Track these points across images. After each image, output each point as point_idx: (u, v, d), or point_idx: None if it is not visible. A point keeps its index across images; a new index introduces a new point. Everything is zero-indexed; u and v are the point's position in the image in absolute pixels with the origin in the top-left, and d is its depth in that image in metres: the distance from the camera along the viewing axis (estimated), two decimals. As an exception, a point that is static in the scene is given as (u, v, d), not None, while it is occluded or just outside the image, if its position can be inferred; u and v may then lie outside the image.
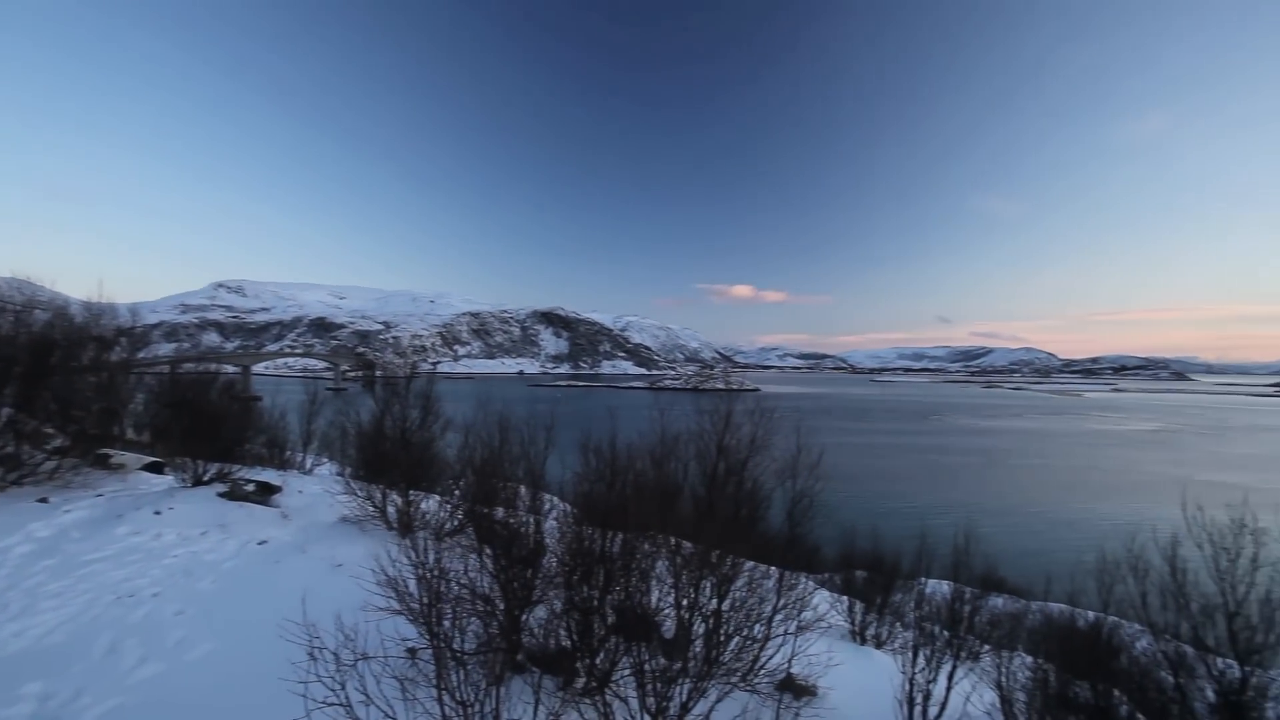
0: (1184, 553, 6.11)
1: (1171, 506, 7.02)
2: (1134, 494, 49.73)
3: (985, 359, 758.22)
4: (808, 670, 7.71)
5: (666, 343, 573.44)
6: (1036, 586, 22.18)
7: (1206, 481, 54.84)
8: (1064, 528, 37.79)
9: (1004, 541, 39.14)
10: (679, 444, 8.96)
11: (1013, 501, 55.36)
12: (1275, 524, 5.76)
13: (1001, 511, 51.37)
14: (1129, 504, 43.70)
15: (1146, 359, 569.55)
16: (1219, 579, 5.69)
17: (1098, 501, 49.05)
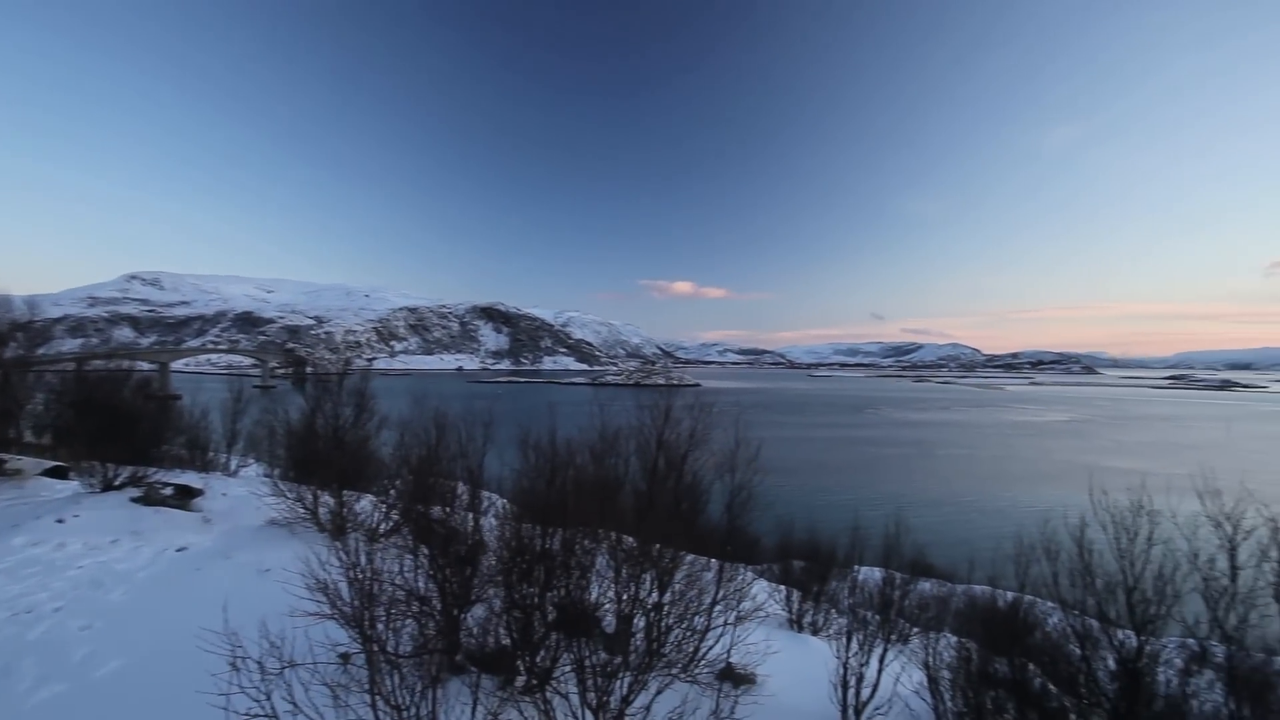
0: (1090, 534, 6.53)
1: (1080, 492, 7.49)
2: (1049, 481, 52.88)
3: (915, 354, 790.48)
4: (747, 659, 7.87)
5: (608, 338, 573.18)
6: (961, 570, 23.35)
7: (1111, 468, 58.86)
8: (987, 514, 39.86)
9: (933, 528, 40.95)
10: (619, 439, 8.97)
11: (941, 490, 57.96)
12: (1167, 505, 6.23)
13: (931, 500, 53.71)
14: (1044, 490, 46.46)
15: (1060, 354, 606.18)
16: (1120, 557, 6.11)
17: (1017, 489, 51.94)
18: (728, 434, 8.13)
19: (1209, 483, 6.22)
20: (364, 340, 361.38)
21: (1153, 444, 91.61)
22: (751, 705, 7.23)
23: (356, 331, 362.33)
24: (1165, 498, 6.24)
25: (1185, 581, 5.87)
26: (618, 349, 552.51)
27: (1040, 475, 57.11)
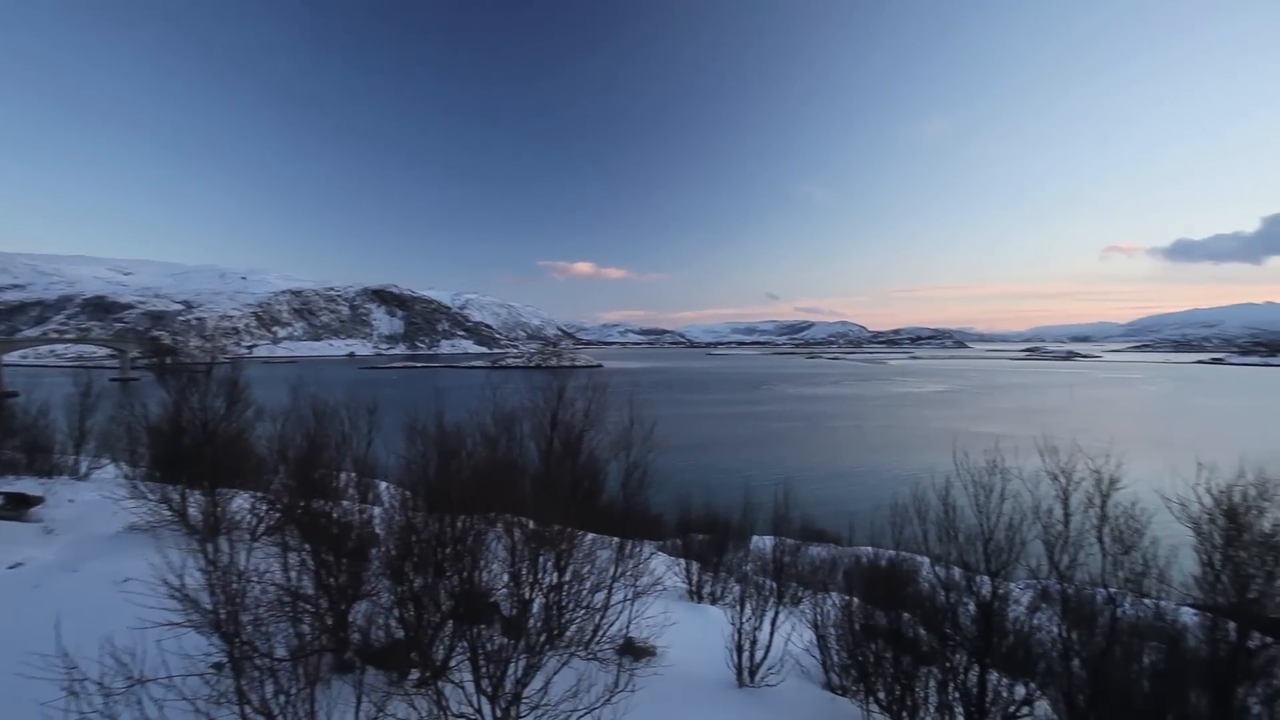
0: (954, 494, 7.15)
1: (947, 455, 8.15)
2: (924, 447, 57.45)
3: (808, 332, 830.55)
4: (646, 632, 8.06)
5: (508, 320, 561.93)
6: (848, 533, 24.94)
7: (979, 432, 64.74)
8: (872, 480, 42.80)
9: (824, 495, 43.44)
10: (515, 421, 8.85)
11: (831, 459, 61.51)
12: (1016, 464, 6.93)
13: (822, 469, 56.91)
14: (920, 456, 50.48)
15: (936, 330, 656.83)
16: (978, 512, 6.75)
17: (898, 455, 56.07)
18: (623, 413, 8.21)
19: (1047, 441, 6.97)
20: (242, 326, 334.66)
21: (1012, 409, 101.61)
22: (651, 676, 7.42)
23: (233, 317, 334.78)
24: (1015, 457, 6.93)
25: (1030, 530, 6.57)
26: (518, 331, 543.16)
27: (917, 442, 61.79)
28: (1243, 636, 5.99)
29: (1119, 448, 6.74)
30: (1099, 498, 6.27)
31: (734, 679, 8.09)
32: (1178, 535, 6.19)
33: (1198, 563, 6.02)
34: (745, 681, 8.08)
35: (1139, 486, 6.40)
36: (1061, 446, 6.73)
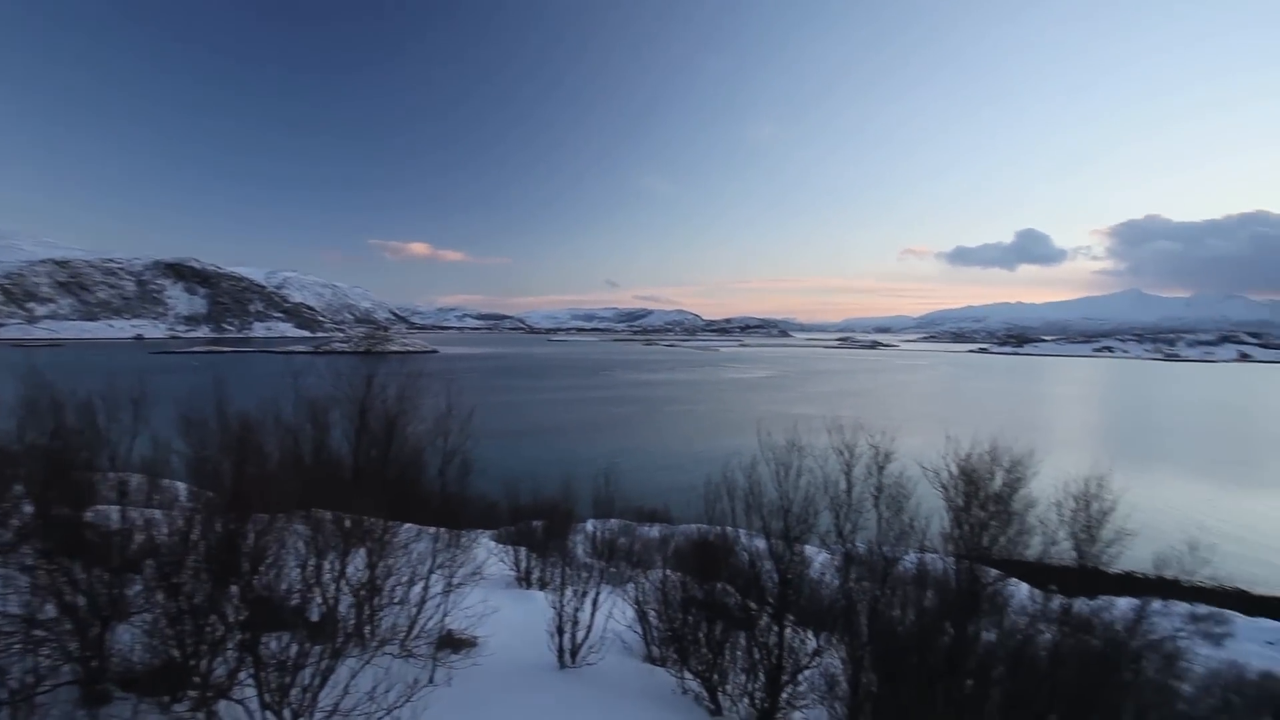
0: (759, 470, 7.74)
1: (770, 435, 8.76)
2: (744, 428, 61.93)
3: (646, 320, 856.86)
4: (466, 624, 7.86)
5: (333, 302, 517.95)
6: (678, 512, 26.26)
7: (797, 414, 71.01)
8: (700, 459, 45.24)
9: (658, 476, 45.16)
10: (322, 410, 8.16)
11: (666, 442, 64.14)
12: (814, 442, 7.66)
13: (657, 451, 59.17)
14: (738, 436, 54.29)
15: (763, 319, 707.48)
16: (779, 487, 7.36)
17: (723, 436, 59.83)
18: (442, 400, 7.89)
19: (835, 421, 7.79)
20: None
21: (825, 393, 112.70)
22: (470, 667, 7.26)
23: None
24: (810, 436, 7.65)
25: (821, 500, 7.31)
26: (345, 314, 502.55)
27: (740, 424, 66.24)
28: (979, 576, 7.15)
29: (894, 424, 7.69)
30: (876, 469, 7.14)
31: (555, 661, 8.16)
32: (934, 498, 7.23)
33: (948, 519, 7.07)
34: (566, 663, 8.19)
35: (907, 458, 7.36)
36: (847, 425, 7.55)
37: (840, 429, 7.49)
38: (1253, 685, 16.77)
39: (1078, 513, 6.63)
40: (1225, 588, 30.76)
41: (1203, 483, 55.47)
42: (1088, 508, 6.59)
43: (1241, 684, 16.71)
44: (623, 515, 17.92)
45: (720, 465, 8.14)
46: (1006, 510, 6.78)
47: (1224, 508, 47.18)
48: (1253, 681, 17.03)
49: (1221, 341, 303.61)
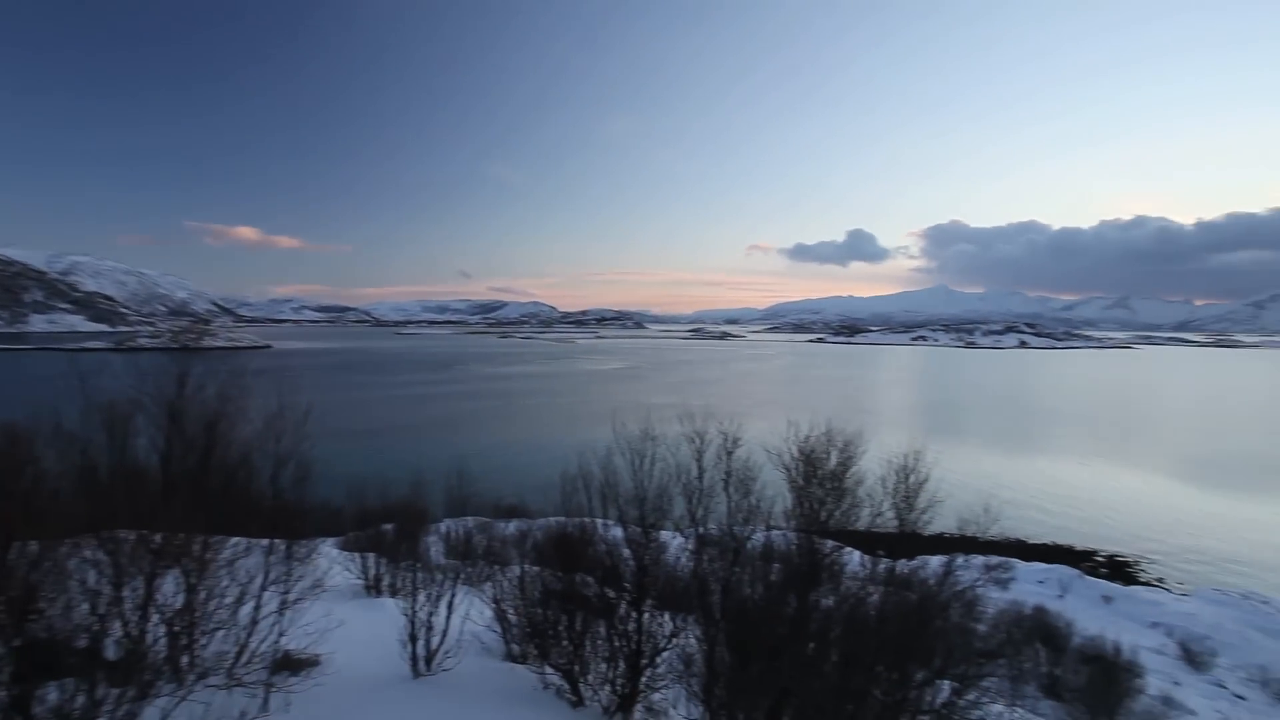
0: (615, 460, 7.84)
1: (629, 424, 8.85)
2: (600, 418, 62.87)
3: (501, 312, 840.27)
4: (306, 642, 7.22)
5: (139, 292, 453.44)
6: (536, 506, 26.02)
7: (654, 403, 73.15)
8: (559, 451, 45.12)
9: (519, 471, 44.50)
10: (122, 416, 7.08)
11: (525, 435, 63.33)
12: (667, 431, 7.90)
13: (517, 445, 58.29)
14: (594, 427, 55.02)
15: (619, 311, 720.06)
16: (634, 476, 7.51)
17: (580, 427, 60.24)
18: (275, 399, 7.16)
19: (687, 409, 8.10)
20: None
21: (679, 382, 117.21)
22: (313, 689, 6.71)
23: None
24: (663, 424, 7.88)
25: (675, 486, 7.56)
26: (155, 305, 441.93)
27: (598, 415, 67.12)
28: (818, 548, 7.79)
29: (742, 411, 8.13)
30: (725, 454, 7.51)
31: (409, 671, 7.76)
32: (777, 478, 7.74)
33: (791, 498, 7.61)
34: (421, 671, 7.82)
35: (753, 443, 7.81)
36: (697, 413, 7.87)
37: (691, 417, 7.79)
38: (1028, 618, 19.90)
39: (898, 485, 7.42)
40: (1009, 540, 36.17)
41: (993, 451, 64.60)
42: (906, 480, 7.40)
43: (1020, 618, 19.78)
44: (479, 513, 17.45)
45: (577, 457, 8.15)
46: (840, 486, 7.42)
47: (1009, 471, 55.37)
48: (1028, 615, 20.20)
49: (1007, 331, 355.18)
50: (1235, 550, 37.16)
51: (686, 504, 7.54)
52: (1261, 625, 25.51)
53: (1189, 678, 21.46)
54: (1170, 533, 40.17)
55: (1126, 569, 34.75)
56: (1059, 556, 34.00)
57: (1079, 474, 55.45)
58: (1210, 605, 27.26)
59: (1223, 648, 23.14)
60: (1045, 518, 42.04)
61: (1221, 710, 18.69)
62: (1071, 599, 26.31)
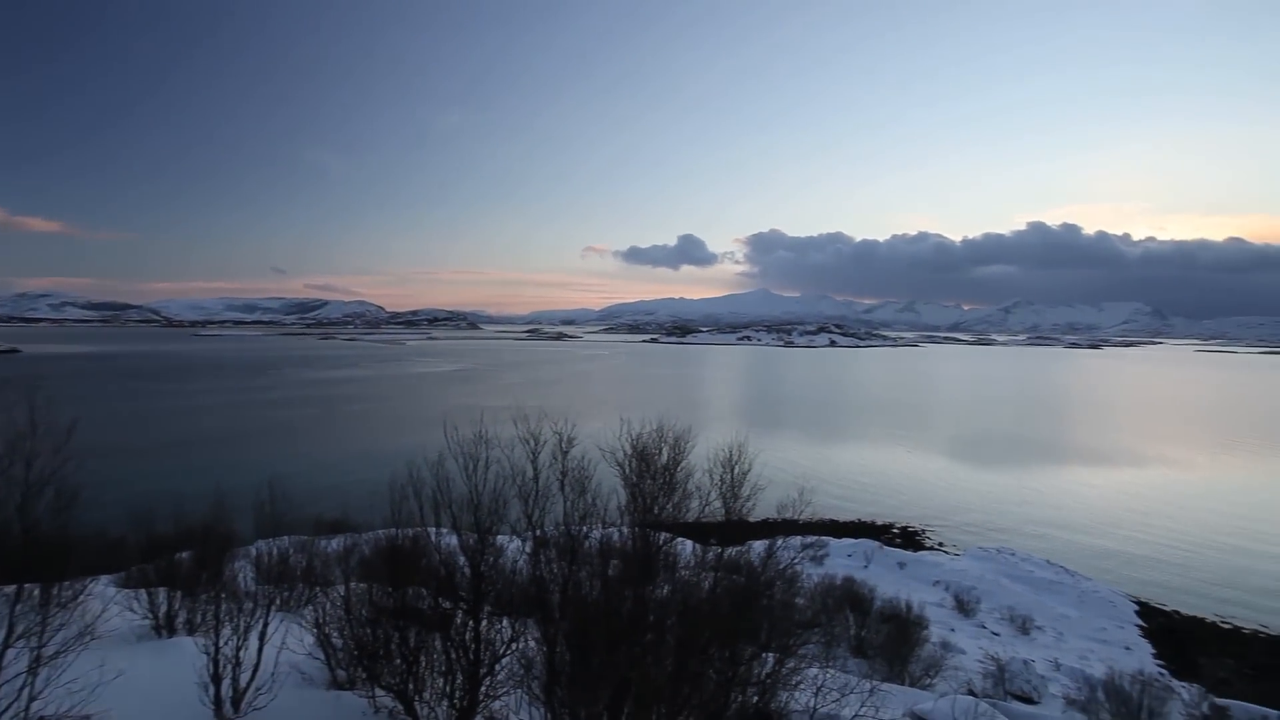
0: (447, 465, 7.57)
1: (461, 427, 8.52)
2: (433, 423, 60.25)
3: (321, 311, 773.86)
4: (72, 702, 6.13)
5: None
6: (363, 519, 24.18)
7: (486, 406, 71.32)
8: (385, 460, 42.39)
9: (341, 483, 41.27)
10: None
11: (350, 443, 58.82)
12: (502, 433, 7.78)
13: (338, 455, 53.92)
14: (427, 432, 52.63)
15: (452, 311, 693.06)
16: (468, 481, 7.31)
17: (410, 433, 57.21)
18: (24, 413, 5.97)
19: (521, 410, 8.04)
20: None
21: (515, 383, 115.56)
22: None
23: None
24: (497, 426, 7.75)
25: (510, 490, 7.47)
26: None
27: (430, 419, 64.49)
28: (652, 541, 8.10)
29: (577, 410, 8.23)
30: (560, 454, 7.56)
31: (211, 716, 6.91)
32: (612, 476, 7.94)
33: (625, 494, 7.84)
34: (228, 715, 7.00)
35: (587, 441, 7.94)
36: (532, 414, 7.84)
37: (526, 418, 7.74)
38: (839, 588, 22.22)
39: (724, 475, 7.94)
40: (824, 521, 40.08)
41: (808, 440, 71.18)
42: (732, 470, 7.94)
43: (833, 589, 22.02)
44: (297, 531, 15.91)
45: (407, 465, 7.76)
46: (672, 480, 7.78)
47: (822, 457, 61.32)
48: (839, 586, 22.55)
49: (819, 332, 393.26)
50: (994, 513, 44.27)
51: (523, 506, 7.48)
52: (1011, 574, 30.70)
53: (961, 623, 25.28)
54: (948, 503, 46.88)
55: (916, 537, 39.97)
56: (864, 532, 38.38)
57: (879, 456, 62.87)
58: (976, 561, 32.27)
59: (985, 595, 27.54)
60: (853, 498, 47.16)
61: (983, 646, 22.20)
62: (874, 568, 29.84)
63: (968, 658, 20.90)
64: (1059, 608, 27.94)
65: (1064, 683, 19.48)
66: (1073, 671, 20.38)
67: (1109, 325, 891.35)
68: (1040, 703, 17.73)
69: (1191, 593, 31.19)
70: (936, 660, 18.79)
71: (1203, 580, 32.70)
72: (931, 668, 18.28)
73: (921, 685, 17.03)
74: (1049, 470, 58.78)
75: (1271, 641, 26.73)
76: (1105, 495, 49.68)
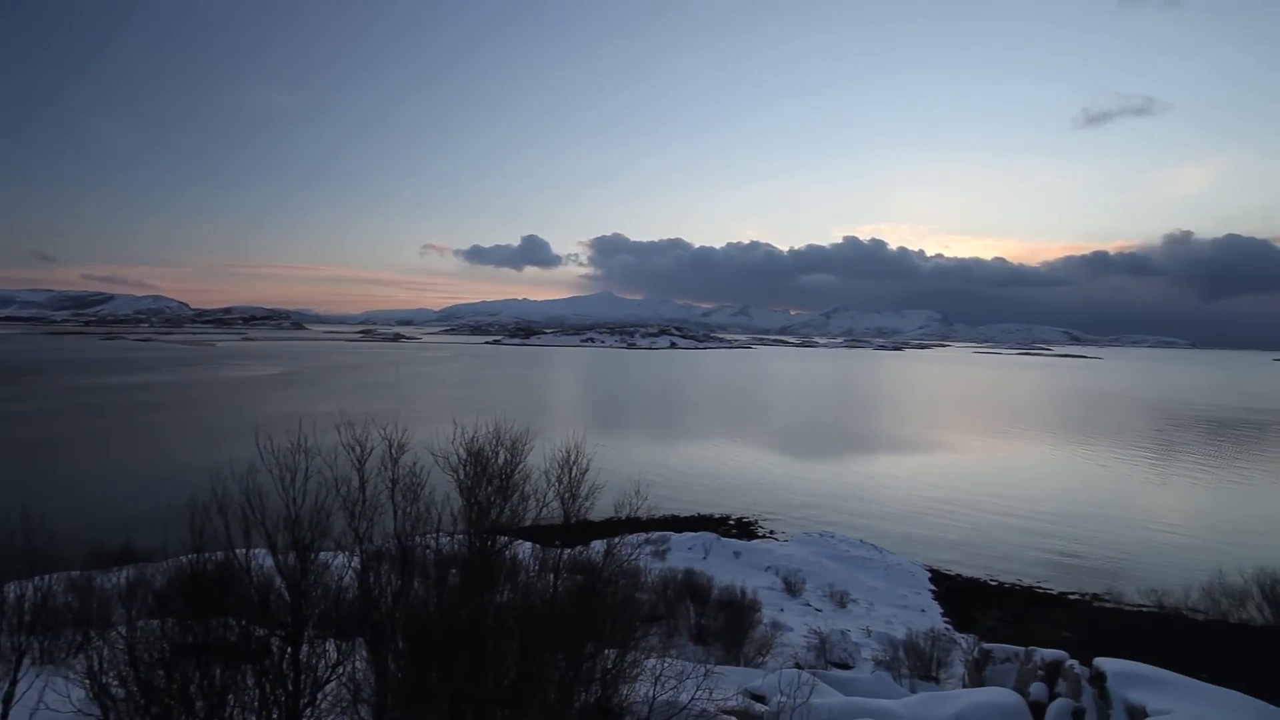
0: (261, 479, 6.84)
1: (268, 439, 7.70)
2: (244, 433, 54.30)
3: (104, 307, 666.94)
4: None
5: None
6: (155, 545, 20.99)
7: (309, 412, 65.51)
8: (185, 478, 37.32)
9: (127, 507, 35.83)
10: None
11: (137, 462, 51.16)
12: (324, 441, 7.18)
13: (124, 475, 46.69)
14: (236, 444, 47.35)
15: (273, 310, 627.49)
16: (285, 494, 6.66)
17: (216, 445, 50.86)
18: None
19: (345, 416, 7.49)
20: None
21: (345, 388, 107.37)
22: None
23: None
24: (318, 434, 7.14)
25: (334, 502, 6.91)
26: None
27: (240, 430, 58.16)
28: (491, 546, 7.91)
29: (411, 415, 7.82)
30: (391, 461, 7.13)
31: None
32: (447, 481, 7.65)
33: (461, 500, 7.58)
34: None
35: (420, 447, 7.57)
36: (358, 420, 7.33)
37: (351, 424, 7.22)
38: (680, 580, 23.16)
39: (562, 476, 7.94)
40: (667, 516, 41.56)
41: (650, 438, 73.45)
42: (570, 471, 7.97)
43: (674, 581, 22.92)
44: (66, 566, 13.53)
45: (210, 481, 6.90)
46: (509, 484, 7.65)
47: (665, 454, 63.52)
48: (680, 578, 23.51)
49: (661, 334, 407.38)
50: (817, 500, 48.58)
51: (349, 518, 6.96)
52: (831, 554, 33.90)
53: (789, 603, 27.45)
54: (778, 493, 50.67)
55: (750, 527, 42.72)
56: (703, 525, 40.24)
57: (717, 452, 66.43)
58: (802, 546, 35.19)
59: (809, 576, 30.13)
60: (694, 493, 49.36)
61: (808, 622, 24.29)
62: (712, 558, 31.45)
63: (795, 634, 22.73)
64: (870, 581, 31.32)
65: (874, 647, 21.89)
66: (881, 636, 22.93)
67: (909, 330, 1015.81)
68: (855, 667, 19.76)
69: (970, 558, 36.37)
70: (768, 640, 20.23)
71: (978, 546, 38.28)
72: (764, 647, 19.67)
73: (755, 664, 18.25)
74: (863, 458, 65.70)
75: (1024, 591, 32.17)
76: (906, 478, 56.56)
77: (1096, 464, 65.21)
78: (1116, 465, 64.64)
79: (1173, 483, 58.05)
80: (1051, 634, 22.01)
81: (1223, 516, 46.21)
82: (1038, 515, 44.89)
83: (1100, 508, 47.18)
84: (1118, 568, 34.41)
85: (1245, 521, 44.28)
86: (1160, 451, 73.15)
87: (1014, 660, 16.53)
